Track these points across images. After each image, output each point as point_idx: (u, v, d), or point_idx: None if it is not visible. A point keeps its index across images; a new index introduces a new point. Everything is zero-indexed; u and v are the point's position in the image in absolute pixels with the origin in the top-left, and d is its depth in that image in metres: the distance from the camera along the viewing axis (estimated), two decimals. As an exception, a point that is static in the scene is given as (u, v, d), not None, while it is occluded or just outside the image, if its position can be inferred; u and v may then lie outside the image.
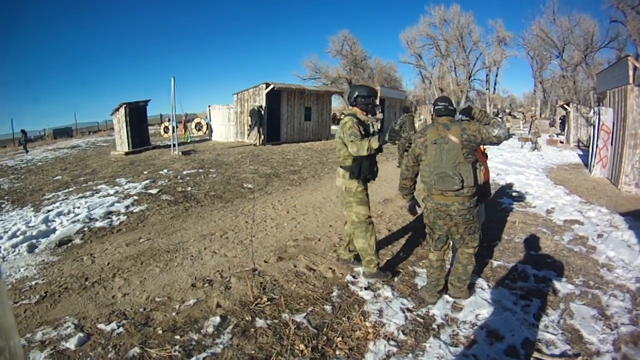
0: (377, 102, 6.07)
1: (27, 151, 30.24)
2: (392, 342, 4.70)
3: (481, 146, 6.22)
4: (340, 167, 6.21)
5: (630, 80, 15.10)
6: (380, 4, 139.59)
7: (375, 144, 5.58)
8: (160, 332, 4.69)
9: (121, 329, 4.73)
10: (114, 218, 9.47)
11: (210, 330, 4.74)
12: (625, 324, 5.44)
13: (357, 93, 6.06)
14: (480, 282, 6.40)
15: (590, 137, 20.84)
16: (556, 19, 74.96)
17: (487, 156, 7.02)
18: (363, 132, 5.89)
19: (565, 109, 35.30)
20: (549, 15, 75.83)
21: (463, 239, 5.34)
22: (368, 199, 6.24)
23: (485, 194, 6.95)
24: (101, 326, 4.80)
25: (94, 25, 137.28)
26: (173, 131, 21.77)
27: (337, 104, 70.27)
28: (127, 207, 10.34)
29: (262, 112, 26.21)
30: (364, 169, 6.04)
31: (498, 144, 5.05)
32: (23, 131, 32.71)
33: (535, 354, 4.66)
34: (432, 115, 5.50)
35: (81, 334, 4.59)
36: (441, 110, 5.27)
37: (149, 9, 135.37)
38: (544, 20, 77.06)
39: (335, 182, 6.39)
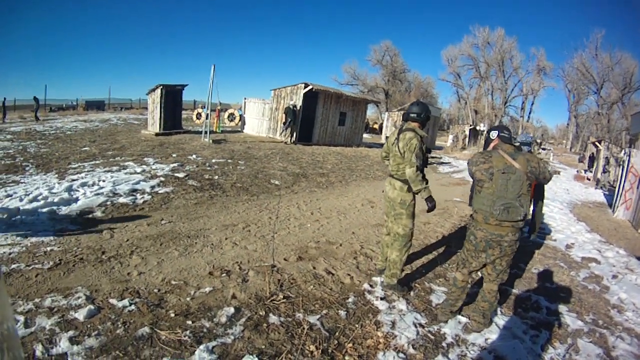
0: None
1: (37, 119, 30.07)
2: (401, 355, 4.70)
3: None
4: (396, 178, 6.19)
5: (664, 124, 14.97)
6: (426, 19, 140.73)
7: (426, 194, 5.90)
8: (172, 315, 4.71)
9: (133, 307, 4.76)
10: (138, 196, 9.55)
11: (223, 320, 4.76)
12: (629, 343, 5.58)
13: (424, 111, 6.12)
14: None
15: (617, 178, 20.66)
16: (598, 54, 74.79)
17: None
18: (424, 151, 6.09)
19: (596, 146, 34.94)
20: (591, 50, 75.88)
21: (499, 273, 5.29)
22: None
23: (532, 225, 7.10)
24: (113, 301, 4.84)
25: (140, 3, 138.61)
26: (206, 118, 21.90)
27: (370, 112, 70.23)
28: (152, 187, 10.42)
29: (297, 111, 26.13)
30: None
31: (547, 182, 5.06)
32: (35, 98, 32.44)
33: None
34: (491, 140, 5.46)
35: (92, 306, 4.62)
36: (507, 138, 5.23)
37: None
38: (586, 55, 77.23)
39: (387, 192, 6.32)
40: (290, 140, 25.72)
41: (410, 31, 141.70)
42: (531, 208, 5.86)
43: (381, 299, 6.03)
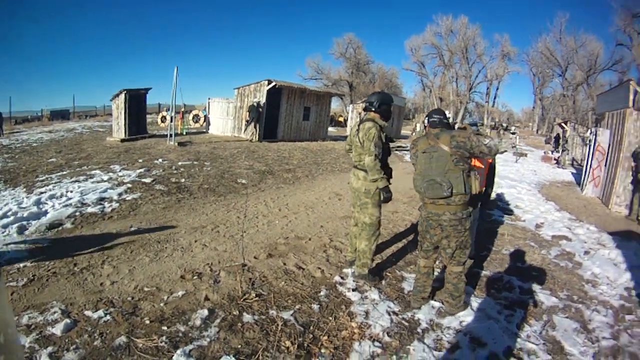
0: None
1: (2, 133, 29.18)
2: (376, 343, 4.76)
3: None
4: (359, 168, 6.29)
5: (630, 104, 15.21)
6: (388, 11, 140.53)
7: (382, 184, 6.02)
8: (147, 322, 4.70)
9: (108, 317, 4.74)
10: (106, 204, 9.46)
11: (198, 322, 4.77)
12: (607, 338, 5.55)
13: (380, 100, 6.21)
14: (467, 289, 6.40)
15: (584, 157, 21.00)
16: (562, 38, 75.49)
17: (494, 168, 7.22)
18: (384, 140, 6.18)
19: (562, 127, 35.48)
20: (556, 34, 76.49)
21: (453, 253, 5.31)
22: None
23: (485, 201, 7.14)
24: (88, 313, 4.81)
25: (100, 9, 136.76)
26: (171, 121, 21.72)
27: (335, 105, 70.34)
28: (119, 194, 10.33)
29: (261, 108, 26.14)
30: (387, 174, 6.21)
31: (489, 154, 5.03)
32: (-1, 113, 30.86)
33: None
34: (426, 127, 5.53)
35: (68, 320, 4.59)
36: (435, 122, 5.31)
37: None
38: (550, 39, 77.80)
39: (352, 183, 6.46)
40: (255, 138, 25.70)
41: (374, 23, 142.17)
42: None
43: (353, 290, 6.10)
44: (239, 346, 4.40)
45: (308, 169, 17.26)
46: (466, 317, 5.63)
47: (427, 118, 5.50)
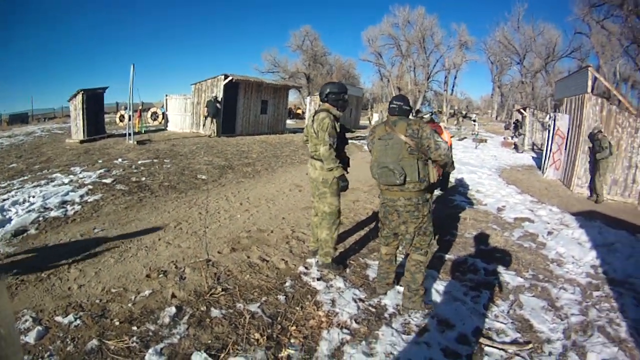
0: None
1: None
2: (345, 331, 4.83)
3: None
4: (316, 159, 6.37)
5: (589, 90, 15.58)
6: (345, 2, 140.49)
7: (337, 173, 6.18)
8: (117, 323, 4.68)
9: (78, 321, 4.70)
10: (69, 207, 9.33)
11: (167, 320, 4.76)
12: (575, 314, 5.71)
13: (328, 90, 6.27)
14: (431, 273, 6.56)
15: (544, 141, 21.39)
16: (520, 27, 76.43)
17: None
18: (338, 130, 6.22)
19: (521, 113, 36.02)
20: (514, 23, 77.43)
21: (412, 240, 5.31)
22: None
23: (443, 185, 7.30)
24: (59, 319, 4.76)
25: (51, 8, 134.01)
26: (129, 120, 21.52)
27: (293, 98, 70.43)
28: (81, 196, 10.19)
29: (219, 103, 26.08)
30: (345, 163, 6.42)
31: (435, 153, 4.95)
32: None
33: (486, 341, 4.84)
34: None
35: (40, 327, 4.54)
36: (395, 109, 5.28)
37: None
38: (508, 28, 78.73)
39: (310, 174, 6.56)
40: (214, 133, 25.64)
41: (330, 15, 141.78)
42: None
43: (318, 279, 6.17)
44: (209, 341, 4.42)
45: (267, 162, 17.31)
46: (432, 299, 5.76)
47: (388, 104, 5.54)
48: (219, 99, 26.18)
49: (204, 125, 26.66)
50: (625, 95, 55.07)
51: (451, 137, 8.17)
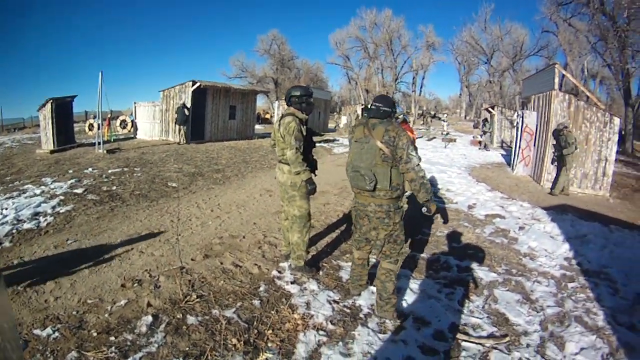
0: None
1: None
2: (321, 332, 4.88)
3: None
4: (283, 162, 6.37)
5: (556, 87, 15.86)
6: (311, 6, 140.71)
7: (305, 176, 6.18)
8: (95, 334, 4.67)
9: (57, 334, 4.67)
10: (41, 219, 9.24)
11: (144, 329, 4.76)
12: (551, 306, 5.83)
13: (292, 93, 6.29)
14: (404, 272, 6.63)
15: (513, 138, 21.68)
16: (487, 27, 77.25)
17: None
18: (304, 133, 6.24)
19: (490, 112, 36.52)
20: (481, 23, 78.21)
21: (380, 247, 5.31)
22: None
23: None
24: (37, 332, 4.73)
25: (20, 17, 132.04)
26: (98, 128, 21.35)
27: (261, 102, 70.57)
28: (53, 207, 10.11)
29: (187, 110, 26.12)
30: (312, 166, 6.47)
31: (406, 163, 4.79)
32: None
33: (462, 337, 4.90)
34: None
35: (19, 342, 4.50)
36: (373, 111, 5.16)
37: (76, 2, 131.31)
38: (475, 28, 79.44)
39: (278, 178, 6.53)
40: (183, 140, 25.70)
41: (297, 18, 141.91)
42: None
43: (292, 282, 6.22)
44: (187, 348, 4.44)
45: (237, 168, 17.32)
46: (407, 298, 5.85)
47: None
48: (187, 106, 26.19)
49: (174, 132, 26.68)
50: (594, 91, 55.97)
51: (415, 137, 8.25)
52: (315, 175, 6.53)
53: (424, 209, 5.03)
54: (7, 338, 1.31)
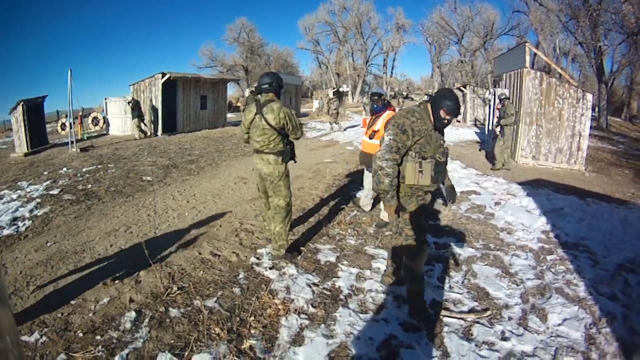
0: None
1: None
2: (303, 316, 4.95)
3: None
4: (267, 153, 6.30)
5: (527, 65, 16.00)
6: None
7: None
8: (81, 334, 4.67)
9: (44, 338, 4.67)
10: (20, 224, 9.18)
11: (128, 325, 4.78)
12: (531, 279, 5.95)
13: (277, 79, 6.37)
14: (382, 252, 6.78)
15: (486, 116, 21.88)
16: (457, 7, 77.41)
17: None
18: None
19: (462, 91, 36.79)
20: (450, 4, 78.30)
21: None
22: None
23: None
24: (25, 338, 4.73)
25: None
26: (70, 128, 21.18)
27: (232, 91, 70.77)
28: (30, 211, 10.05)
29: (154, 103, 26.60)
30: (293, 153, 6.62)
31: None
32: None
33: (444, 312, 4.98)
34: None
35: (9, 349, 4.50)
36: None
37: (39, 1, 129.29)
38: (445, 9, 79.47)
39: (262, 170, 6.41)
40: (138, 134, 25.63)
41: (266, 5, 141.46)
42: None
43: (270, 268, 6.29)
44: (172, 341, 4.47)
45: (211, 158, 17.36)
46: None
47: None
48: (138, 100, 26.43)
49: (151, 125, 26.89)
50: (566, 68, 56.20)
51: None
52: (295, 161, 6.75)
53: None
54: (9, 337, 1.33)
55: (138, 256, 6.75)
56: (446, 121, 4.78)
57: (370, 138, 8.08)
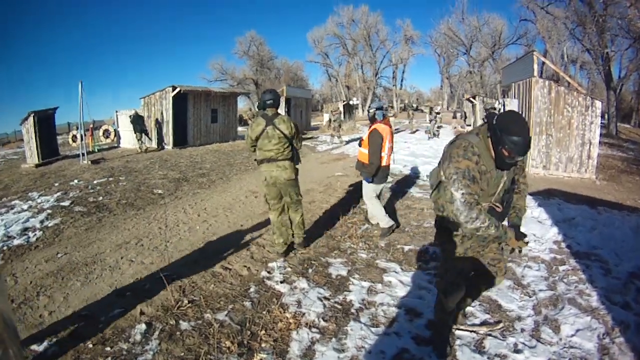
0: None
1: None
2: (314, 330, 4.92)
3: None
4: (282, 159, 6.92)
5: (535, 74, 15.99)
6: (288, 5, 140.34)
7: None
8: (90, 345, 4.65)
9: (54, 348, 4.67)
10: (30, 234, 9.19)
11: (138, 338, 4.76)
12: (543, 290, 5.85)
13: (276, 95, 7.16)
14: (394, 266, 6.72)
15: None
16: (465, 18, 78.04)
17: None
18: None
19: (471, 102, 36.73)
20: (458, 15, 79.01)
21: None
22: None
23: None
24: (35, 347, 4.73)
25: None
26: (81, 140, 21.26)
27: (242, 105, 70.93)
28: (41, 221, 10.05)
29: (162, 117, 26.75)
30: (298, 157, 7.33)
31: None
32: None
33: (456, 325, 4.87)
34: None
35: (17, 359, 4.50)
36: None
37: (52, 14, 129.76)
38: (453, 20, 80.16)
39: (281, 176, 6.94)
40: (144, 147, 25.63)
41: (274, 18, 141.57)
42: None
43: (281, 282, 6.26)
44: (182, 354, 4.46)
45: (222, 171, 17.35)
46: (397, 291, 5.88)
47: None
48: (141, 114, 26.49)
49: (155, 139, 27.04)
50: (574, 76, 56.14)
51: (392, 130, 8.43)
52: (300, 162, 7.36)
53: None
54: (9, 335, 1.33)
55: (148, 268, 6.84)
56: (510, 161, 3.69)
57: (360, 146, 8.42)
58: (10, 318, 1.32)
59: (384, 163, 8.14)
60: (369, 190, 8.46)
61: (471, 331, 4.85)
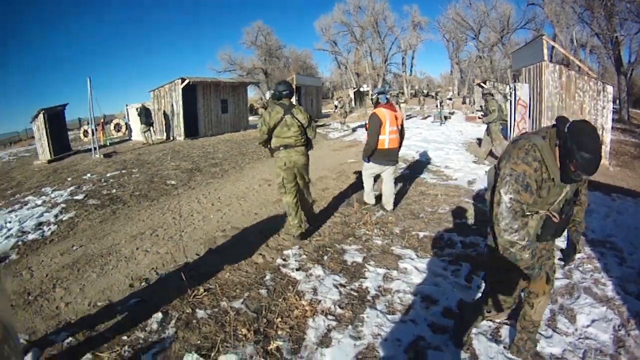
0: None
1: None
2: (330, 317, 4.92)
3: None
4: (299, 145, 7.34)
5: (545, 58, 15.87)
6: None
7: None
8: (107, 335, 4.69)
9: (71, 338, 4.70)
10: (45, 228, 9.25)
11: (155, 326, 4.80)
12: (559, 278, 5.75)
13: (290, 86, 7.51)
14: (409, 252, 6.70)
15: (508, 112, 21.78)
16: (472, 3, 77.10)
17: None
18: None
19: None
20: (465, 0, 77.80)
21: None
22: None
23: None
24: (52, 338, 4.77)
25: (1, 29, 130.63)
26: (93, 134, 21.46)
27: (252, 94, 70.94)
28: (55, 215, 10.12)
29: (166, 110, 27.18)
30: (311, 143, 7.73)
31: None
32: None
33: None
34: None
35: (35, 348, 4.54)
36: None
37: (59, 10, 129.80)
38: (460, 5, 79.15)
39: (300, 161, 7.35)
40: (151, 140, 25.92)
41: (281, 7, 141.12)
42: None
43: (297, 269, 6.25)
44: (199, 342, 4.48)
45: (234, 160, 17.34)
46: (413, 278, 5.87)
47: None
48: (148, 107, 26.68)
49: (163, 131, 27.35)
50: (584, 60, 55.79)
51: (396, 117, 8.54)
52: (312, 148, 7.79)
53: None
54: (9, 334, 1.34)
55: (164, 258, 6.88)
56: (575, 177, 3.30)
57: (366, 130, 8.66)
58: (6, 316, 1.33)
59: (385, 146, 8.35)
60: (365, 169, 8.88)
61: (487, 319, 4.82)
